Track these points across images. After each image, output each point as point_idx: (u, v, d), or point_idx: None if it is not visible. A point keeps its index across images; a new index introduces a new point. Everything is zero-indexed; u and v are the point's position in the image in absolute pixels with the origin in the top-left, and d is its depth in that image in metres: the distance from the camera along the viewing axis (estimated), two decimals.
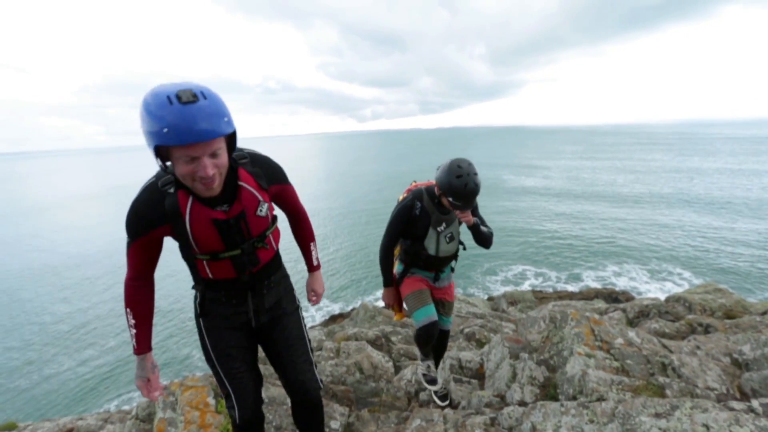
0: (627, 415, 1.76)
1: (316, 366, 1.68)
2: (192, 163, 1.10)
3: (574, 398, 2.21)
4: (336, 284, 16.45)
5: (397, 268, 2.50)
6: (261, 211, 1.39)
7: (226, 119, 1.10)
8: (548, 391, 2.48)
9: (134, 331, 1.36)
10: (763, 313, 4.42)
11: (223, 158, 1.18)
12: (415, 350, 4.51)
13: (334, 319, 12.72)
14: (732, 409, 1.65)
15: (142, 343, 1.40)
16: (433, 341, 2.41)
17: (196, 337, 1.72)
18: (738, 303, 4.91)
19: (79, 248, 22.18)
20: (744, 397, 2.09)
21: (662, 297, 5.98)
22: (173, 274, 16.27)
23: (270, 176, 1.45)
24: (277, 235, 1.55)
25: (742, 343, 2.75)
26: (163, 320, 13.51)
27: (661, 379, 2.15)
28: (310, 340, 1.70)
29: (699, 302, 4.89)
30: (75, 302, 15.65)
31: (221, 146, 1.15)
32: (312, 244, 1.84)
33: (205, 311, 1.50)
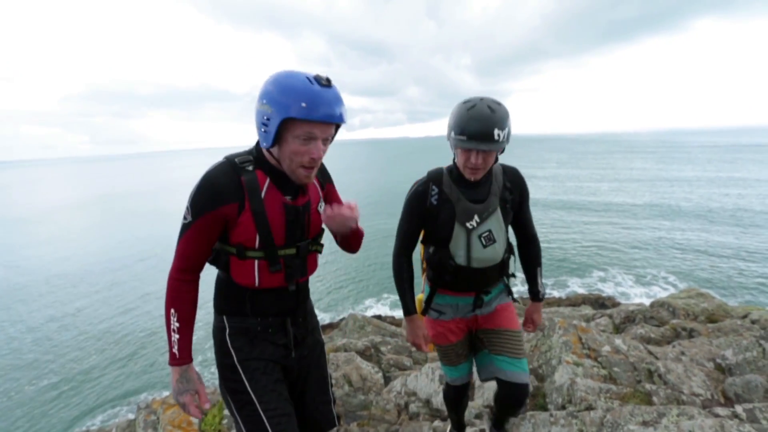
0: (615, 424, 1.76)
1: (334, 402, 1.53)
2: (308, 143, 1.11)
3: (563, 407, 2.21)
4: (324, 294, 16.31)
5: (425, 289, 1.72)
6: (320, 207, 1.33)
7: (346, 109, 1.16)
8: (537, 401, 2.47)
9: (177, 336, 1.17)
10: (744, 317, 4.52)
11: (327, 147, 1.20)
12: (405, 360, 4.47)
13: (322, 329, 12.56)
14: (717, 416, 1.66)
15: (186, 351, 1.20)
16: (462, 405, 1.93)
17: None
18: (720, 307, 5.02)
19: (54, 266, 21.47)
20: (728, 402, 2.12)
21: (647, 302, 6.09)
22: (155, 266, 15.87)
23: (324, 173, 1.42)
24: (317, 257, 1.40)
25: (725, 347, 2.80)
26: (142, 328, 13.15)
27: (647, 386, 2.16)
28: (330, 375, 1.55)
29: (683, 307, 4.99)
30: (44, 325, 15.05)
31: (333, 134, 1.18)
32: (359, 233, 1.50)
33: (238, 343, 1.26)
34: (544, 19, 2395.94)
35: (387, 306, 13.19)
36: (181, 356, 1.19)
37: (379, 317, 8.28)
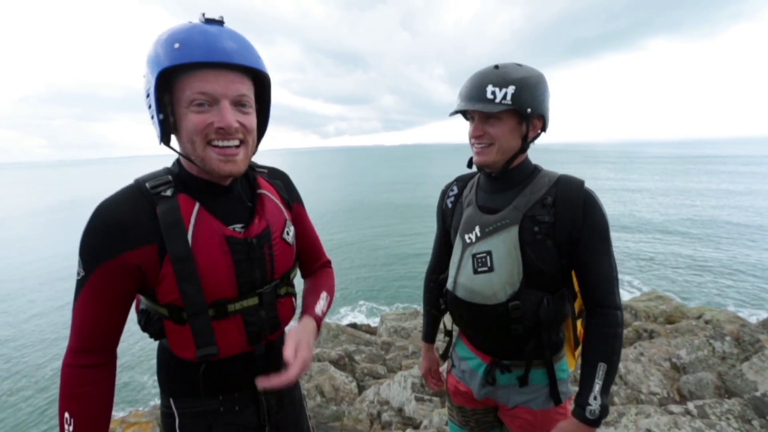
0: None
1: None
2: (207, 110, 0.75)
3: None
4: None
5: None
6: (288, 234, 0.95)
7: (260, 58, 0.81)
8: None
9: None
10: (698, 317, 4.81)
11: (252, 119, 0.82)
12: (380, 369, 4.45)
13: None
14: (671, 413, 1.76)
15: None
16: None
17: (145, 360, 1.03)
18: (677, 309, 5.33)
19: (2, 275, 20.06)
20: (683, 399, 2.24)
21: None
22: None
23: (290, 190, 1.05)
24: (292, 300, 1.04)
25: (680, 347, 2.96)
26: None
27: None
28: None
29: (643, 309, 5.25)
30: None
31: (250, 97, 0.81)
32: (324, 294, 1.14)
33: None
34: (514, 34, 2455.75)
35: (363, 314, 13.11)
36: None
37: (354, 326, 8.22)
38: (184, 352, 0.84)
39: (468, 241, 1.06)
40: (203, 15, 0.77)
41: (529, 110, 0.95)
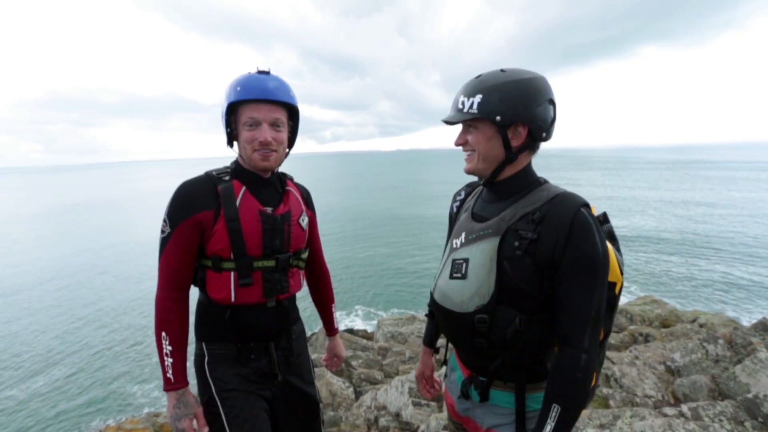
0: (575, 428, 1.84)
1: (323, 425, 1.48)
2: (254, 129, 1.16)
3: None
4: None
5: None
6: (303, 221, 1.32)
7: (292, 95, 1.22)
8: None
9: (171, 360, 1.13)
10: (692, 321, 4.85)
11: (283, 135, 1.22)
12: (377, 374, 4.44)
13: None
14: (665, 415, 1.77)
15: (181, 374, 1.15)
16: None
17: (136, 369, 1.47)
18: (672, 313, 5.37)
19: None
20: (677, 401, 2.26)
21: None
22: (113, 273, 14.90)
23: (310, 201, 1.43)
24: (300, 275, 1.36)
25: (675, 351, 2.99)
26: (95, 343, 12.28)
27: (605, 390, 2.27)
28: (321, 401, 1.46)
29: (639, 313, 5.29)
30: None
31: (283, 120, 1.21)
32: (333, 305, 1.62)
33: (217, 373, 1.20)
34: (508, 41, 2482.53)
35: (359, 318, 13.07)
36: (177, 380, 1.14)
37: (350, 331, 8.19)
38: (219, 293, 1.16)
39: (454, 246, 1.05)
40: (257, 68, 1.20)
41: (498, 118, 0.91)
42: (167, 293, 1.15)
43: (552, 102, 0.96)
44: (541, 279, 0.89)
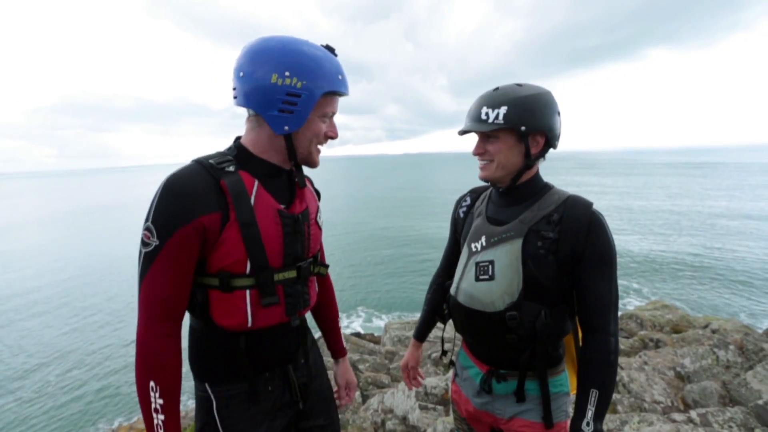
0: None
1: None
2: (326, 122, 0.97)
3: None
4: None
5: None
6: (320, 219, 1.11)
7: None
8: None
9: (162, 417, 0.85)
10: (705, 327, 4.77)
11: None
12: (384, 378, 4.44)
13: None
14: (674, 421, 1.76)
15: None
16: None
17: None
18: (683, 318, 5.29)
19: (16, 284, 20.27)
20: (687, 407, 2.23)
21: (619, 313, 6.33)
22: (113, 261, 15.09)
23: (317, 194, 1.18)
24: (315, 283, 1.16)
25: (685, 356, 2.95)
26: (108, 343, 12.43)
27: (614, 395, 2.26)
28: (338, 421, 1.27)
29: (649, 318, 5.22)
30: None
31: None
32: (339, 320, 1.35)
33: (230, 421, 0.96)
34: (515, 45, 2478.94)
35: (368, 321, 13.06)
36: None
37: (358, 335, 8.20)
38: (230, 319, 0.90)
39: (474, 249, 1.09)
40: (329, 46, 0.95)
41: (523, 128, 0.98)
42: (156, 329, 0.84)
43: (560, 114, 1.06)
44: (561, 274, 0.99)
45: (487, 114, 1.00)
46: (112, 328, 14.19)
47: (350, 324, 12.73)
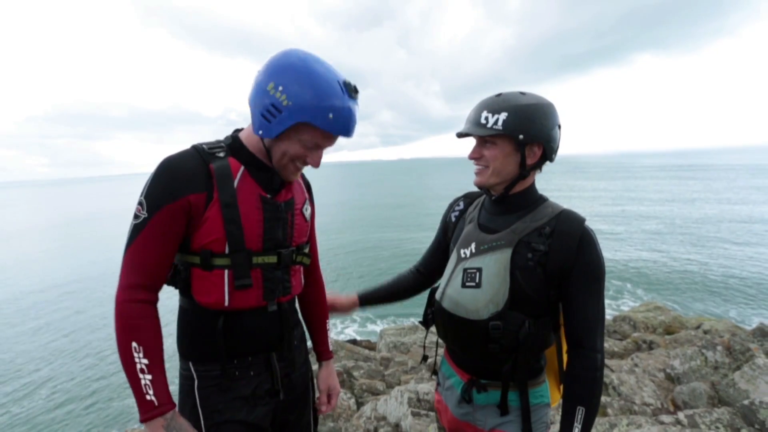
0: None
1: None
2: (312, 150, 0.97)
3: None
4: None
5: None
6: (306, 210, 1.13)
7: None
8: None
9: (149, 377, 0.86)
10: (697, 327, 4.81)
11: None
12: (378, 384, 4.42)
13: None
14: (662, 423, 1.77)
15: (165, 393, 0.89)
16: None
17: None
18: (675, 319, 5.33)
19: (6, 293, 19.95)
20: (677, 409, 2.25)
21: (611, 316, 6.36)
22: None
23: (310, 190, 1.22)
24: (301, 274, 1.18)
25: (674, 358, 2.97)
26: (110, 351, 12.27)
27: (603, 398, 2.27)
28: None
29: (642, 320, 5.25)
30: None
31: None
32: (328, 321, 1.34)
33: (209, 401, 0.99)
34: (506, 52, 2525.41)
35: (363, 327, 12.99)
36: (161, 402, 0.87)
37: (353, 341, 8.15)
38: (209, 296, 0.95)
39: (462, 255, 1.09)
40: (349, 84, 0.94)
41: (521, 136, 0.97)
42: (134, 293, 0.89)
43: (560, 127, 1.05)
44: (548, 287, 0.98)
45: (486, 118, 1.00)
46: (109, 335, 13.98)
47: (345, 330, 12.65)
